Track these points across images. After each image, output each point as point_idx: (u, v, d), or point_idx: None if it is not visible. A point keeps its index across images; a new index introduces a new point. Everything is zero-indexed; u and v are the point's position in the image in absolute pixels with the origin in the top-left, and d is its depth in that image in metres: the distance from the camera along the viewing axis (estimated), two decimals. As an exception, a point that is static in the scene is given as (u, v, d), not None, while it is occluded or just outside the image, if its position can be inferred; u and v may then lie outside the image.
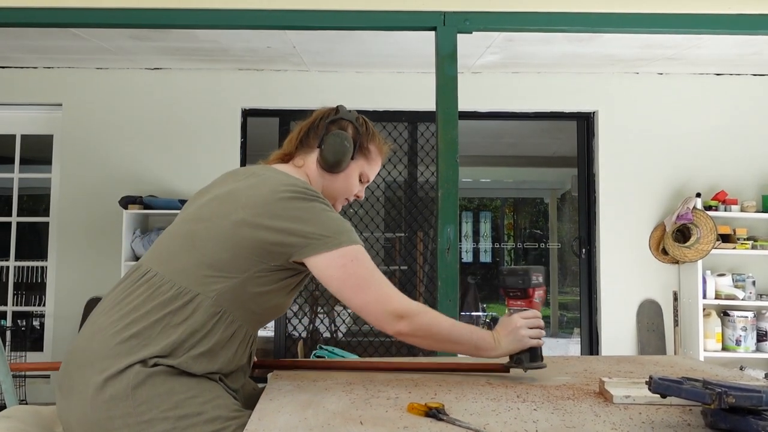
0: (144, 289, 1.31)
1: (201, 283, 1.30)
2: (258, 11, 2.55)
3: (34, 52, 3.97)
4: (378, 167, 1.62)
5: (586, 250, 4.36)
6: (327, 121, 1.53)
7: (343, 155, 1.49)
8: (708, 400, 0.96)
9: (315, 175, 1.51)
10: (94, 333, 1.28)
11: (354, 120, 1.55)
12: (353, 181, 1.56)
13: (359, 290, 1.32)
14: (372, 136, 1.57)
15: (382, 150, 1.61)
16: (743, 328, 3.94)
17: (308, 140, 1.53)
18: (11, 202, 4.33)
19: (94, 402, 1.22)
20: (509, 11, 2.56)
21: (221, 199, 1.37)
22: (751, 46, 3.69)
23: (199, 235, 1.34)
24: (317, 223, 1.31)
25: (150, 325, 1.26)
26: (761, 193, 4.18)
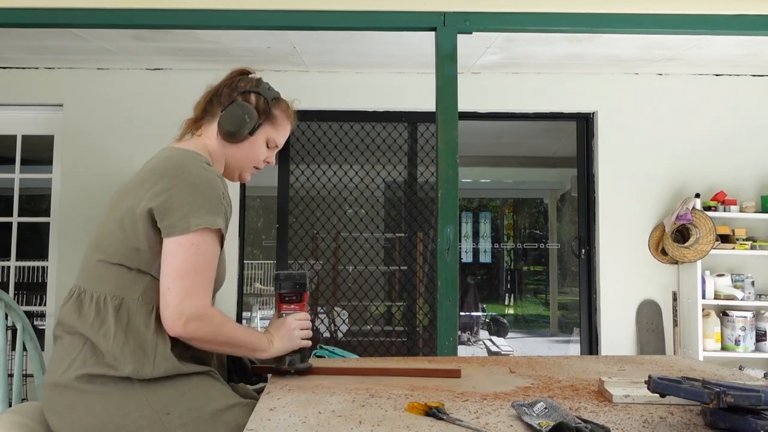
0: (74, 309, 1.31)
1: (120, 287, 1.30)
2: (258, 12, 2.55)
3: (34, 53, 3.97)
4: (287, 131, 1.59)
5: (586, 251, 4.36)
6: (230, 89, 1.52)
7: (241, 126, 1.46)
8: (707, 400, 0.97)
9: (216, 144, 1.50)
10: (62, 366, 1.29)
11: (256, 86, 1.53)
12: (259, 148, 1.53)
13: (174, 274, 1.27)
14: (276, 102, 1.55)
15: (288, 113, 1.58)
16: (742, 328, 3.95)
17: (212, 108, 1.52)
18: (12, 202, 4.33)
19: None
20: (509, 11, 2.56)
21: (115, 195, 1.39)
22: (750, 46, 3.69)
23: (101, 236, 1.35)
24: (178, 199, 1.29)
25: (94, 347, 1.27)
26: (760, 194, 4.19)
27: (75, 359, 1.28)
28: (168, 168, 1.34)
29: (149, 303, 1.31)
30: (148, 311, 1.30)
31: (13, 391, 1.66)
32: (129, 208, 1.32)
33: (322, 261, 4.71)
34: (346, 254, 4.64)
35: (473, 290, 8.64)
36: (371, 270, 4.59)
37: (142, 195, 1.31)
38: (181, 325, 1.26)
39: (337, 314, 4.77)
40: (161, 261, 1.29)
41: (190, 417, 1.26)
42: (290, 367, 1.42)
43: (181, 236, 1.27)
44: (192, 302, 1.27)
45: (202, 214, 1.29)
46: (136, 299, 1.30)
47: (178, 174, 1.32)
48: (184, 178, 1.31)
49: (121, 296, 1.30)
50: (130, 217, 1.31)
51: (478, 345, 7.35)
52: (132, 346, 1.27)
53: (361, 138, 4.46)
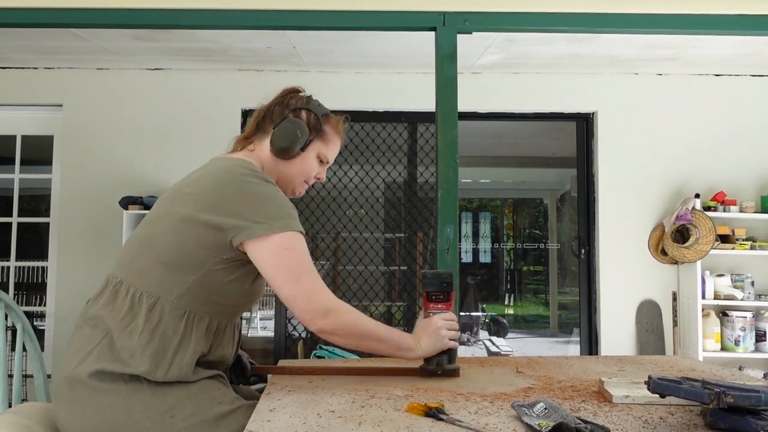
0: (108, 300, 1.32)
1: (160, 285, 1.31)
2: (258, 11, 2.55)
3: (34, 53, 3.97)
4: (337, 147, 1.61)
5: (586, 251, 4.36)
6: (282, 106, 1.54)
7: (293, 142, 1.48)
8: (707, 400, 0.97)
9: (268, 160, 1.51)
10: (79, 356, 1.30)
11: (307, 103, 1.55)
12: (310, 164, 1.54)
13: (290, 281, 1.30)
14: (326, 118, 1.57)
15: (338, 129, 1.60)
16: (742, 328, 3.95)
17: (264, 125, 1.53)
18: (12, 202, 4.33)
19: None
20: (509, 11, 2.56)
21: (171, 197, 1.39)
22: (750, 46, 3.69)
23: (152, 235, 1.35)
24: (253, 206, 1.31)
25: (123, 342, 1.27)
26: (760, 194, 4.19)
27: (91, 352, 1.28)
28: (231, 179, 1.35)
29: (183, 308, 1.31)
30: (180, 316, 1.31)
31: (13, 391, 1.66)
32: (188, 216, 1.32)
33: (322, 261, 4.71)
34: (346, 254, 4.64)
35: (473, 290, 8.64)
36: (371, 270, 4.59)
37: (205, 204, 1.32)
38: (320, 319, 1.29)
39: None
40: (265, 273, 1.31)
41: (194, 420, 1.26)
42: (438, 368, 1.40)
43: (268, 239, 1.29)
44: (319, 297, 1.31)
45: (282, 217, 1.31)
46: (171, 301, 1.30)
47: (243, 184, 1.34)
48: (252, 187, 1.34)
49: (157, 295, 1.30)
50: (189, 223, 1.31)
51: (477, 345, 7.35)
52: (154, 347, 1.27)
53: (361, 138, 4.46)
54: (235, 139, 1.59)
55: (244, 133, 1.57)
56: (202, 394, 1.30)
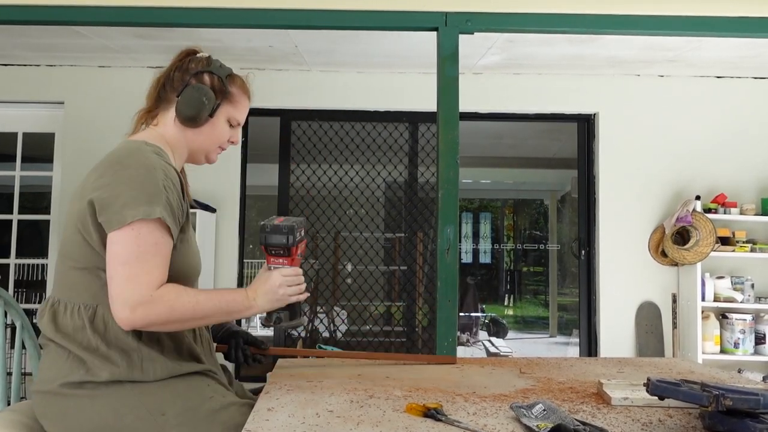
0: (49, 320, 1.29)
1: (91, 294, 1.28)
2: (260, 10, 2.55)
3: (36, 50, 3.97)
4: (246, 107, 1.54)
5: (586, 252, 4.36)
6: (181, 72, 1.48)
7: (200, 109, 1.42)
8: (706, 403, 0.97)
9: (175, 132, 1.45)
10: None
11: (208, 65, 1.49)
12: (221, 129, 1.48)
13: (115, 261, 1.23)
14: (231, 78, 1.51)
15: (245, 89, 1.53)
16: (742, 330, 3.94)
17: (165, 95, 1.47)
18: (12, 199, 4.33)
19: None
20: (511, 12, 2.56)
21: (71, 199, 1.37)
22: (751, 48, 3.69)
23: (63, 243, 1.33)
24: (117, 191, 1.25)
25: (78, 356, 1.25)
26: (760, 196, 4.18)
27: (61, 368, 1.26)
28: (109, 162, 1.32)
29: None
30: None
31: (12, 389, 1.66)
32: (79, 207, 1.29)
33: (322, 261, 4.71)
34: (346, 254, 4.64)
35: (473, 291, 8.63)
36: (371, 270, 4.59)
37: (88, 191, 1.29)
38: (129, 313, 1.20)
39: (336, 314, 4.77)
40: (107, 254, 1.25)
41: (186, 417, 1.25)
42: (276, 323, 1.34)
43: (118, 230, 1.23)
44: (134, 288, 1.21)
45: (138, 205, 1.23)
46: (107, 305, 1.26)
47: (116, 168, 1.30)
48: (122, 170, 1.29)
49: (95, 304, 1.28)
50: (80, 214, 1.29)
51: (477, 346, 7.35)
52: (116, 353, 1.25)
53: (362, 138, 4.46)
54: (137, 114, 1.52)
55: (145, 107, 1.51)
56: (192, 391, 1.29)
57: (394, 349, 4.47)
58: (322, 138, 4.45)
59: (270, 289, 1.34)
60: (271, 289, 1.34)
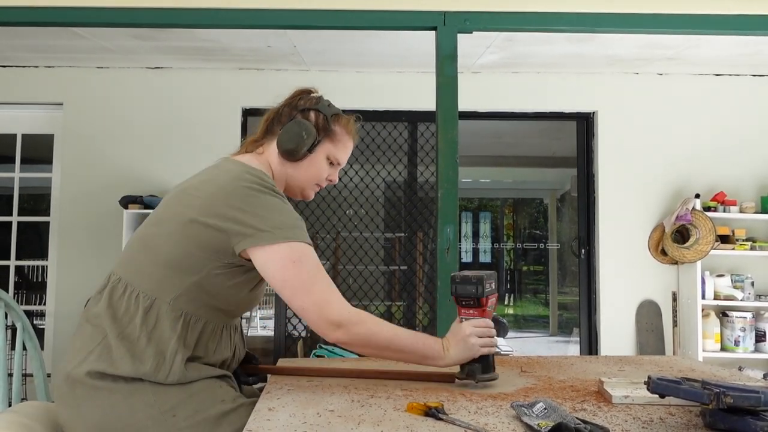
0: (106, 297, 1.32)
1: (157, 286, 1.30)
2: (259, 11, 2.55)
3: (34, 51, 3.97)
4: (348, 148, 1.57)
5: (586, 251, 4.36)
6: (290, 108, 1.51)
7: (298, 144, 1.45)
8: (706, 401, 0.97)
9: (277, 163, 1.48)
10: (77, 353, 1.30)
11: (316, 104, 1.52)
12: (320, 166, 1.51)
13: (298, 293, 1.28)
14: (336, 118, 1.53)
15: (349, 129, 1.56)
16: (742, 328, 3.95)
17: (273, 127, 1.51)
18: (12, 201, 4.33)
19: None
20: (509, 11, 2.56)
21: (176, 198, 1.38)
22: (750, 46, 3.69)
23: (154, 235, 1.34)
24: (260, 215, 1.29)
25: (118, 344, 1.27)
26: (760, 194, 4.19)
27: (91, 352, 1.27)
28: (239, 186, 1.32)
29: (179, 309, 1.30)
30: (176, 317, 1.29)
31: (13, 390, 1.66)
32: (193, 219, 1.30)
33: (321, 261, 4.70)
34: (346, 254, 4.64)
35: (473, 290, 8.60)
36: (371, 270, 4.59)
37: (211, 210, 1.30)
38: (333, 332, 1.28)
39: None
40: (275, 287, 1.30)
41: (196, 419, 1.26)
42: (470, 377, 1.34)
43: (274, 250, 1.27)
44: (330, 309, 1.28)
45: (288, 227, 1.30)
46: (167, 303, 1.29)
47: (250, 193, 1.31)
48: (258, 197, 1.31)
49: (154, 297, 1.29)
50: (193, 227, 1.30)
51: (477, 345, 7.33)
52: (153, 350, 1.26)
53: (362, 137, 4.46)
54: (245, 141, 1.56)
55: (253, 136, 1.55)
56: (204, 393, 1.29)
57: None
58: (321, 138, 4.44)
59: (461, 339, 1.34)
60: (462, 339, 1.34)
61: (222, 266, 1.31)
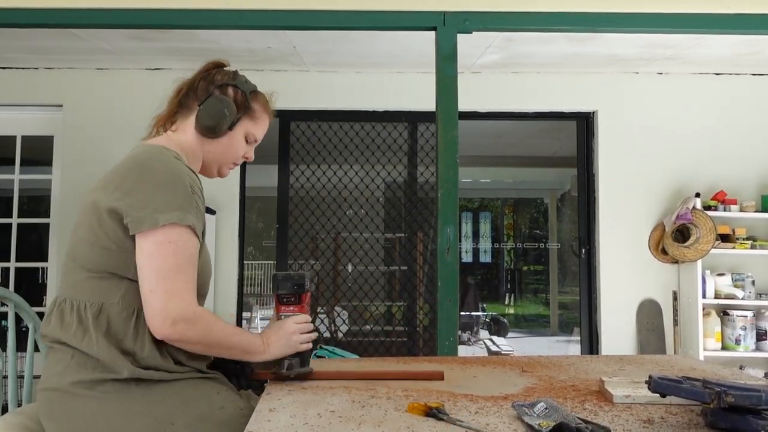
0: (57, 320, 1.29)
1: (97, 293, 1.27)
2: (258, 11, 2.55)
3: (34, 53, 3.97)
4: (266, 125, 1.55)
5: (586, 250, 4.36)
6: (207, 82, 1.48)
7: (220, 120, 1.43)
8: (707, 400, 0.97)
9: (192, 140, 1.45)
10: None
11: (233, 79, 1.49)
12: (238, 143, 1.49)
13: (155, 275, 1.22)
14: (254, 95, 1.51)
15: (267, 107, 1.54)
16: (743, 327, 3.94)
17: (188, 102, 1.48)
18: (12, 203, 4.32)
19: None
20: (509, 11, 2.56)
21: (86, 195, 1.36)
22: (750, 45, 3.69)
23: (75, 245, 1.32)
24: (144, 195, 1.25)
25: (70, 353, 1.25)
26: (760, 193, 4.18)
27: (69, 365, 1.25)
28: (133, 165, 1.31)
29: (130, 307, 1.27)
30: (129, 315, 1.26)
31: (24, 391, 1.66)
32: (95, 210, 1.28)
33: (322, 261, 4.71)
34: (346, 254, 4.64)
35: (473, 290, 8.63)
36: (371, 270, 4.59)
37: (107, 194, 1.28)
38: (169, 327, 1.21)
39: (337, 314, 4.77)
40: (138, 264, 1.24)
41: (196, 427, 1.24)
42: (289, 372, 1.37)
43: (152, 233, 1.23)
44: (177, 303, 1.22)
45: (171, 210, 1.24)
46: (115, 303, 1.26)
47: (143, 171, 1.29)
48: (150, 174, 1.28)
49: (100, 302, 1.27)
50: (96, 217, 1.28)
51: (478, 345, 7.35)
52: (117, 350, 1.24)
53: (361, 138, 4.46)
54: (155, 119, 1.52)
55: (165, 111, 1.50)
56: (202, 400, 1.28)
57: (395, 349, 4.47)
58: (321, 138, 4.45)
59: (283, 335, 1.36)
60: (284, 335, 1.36)
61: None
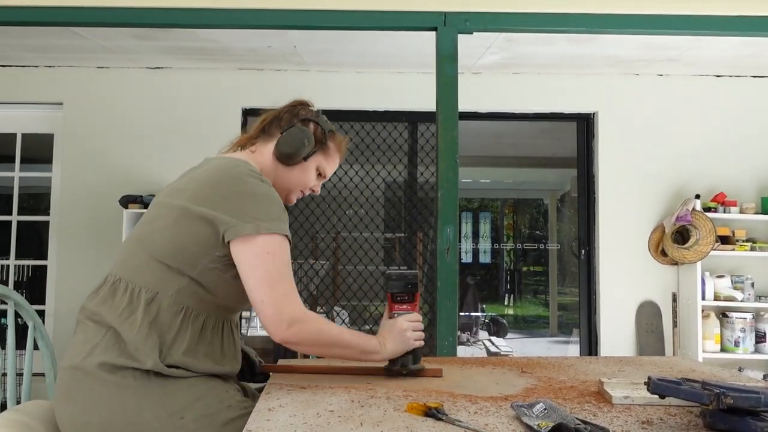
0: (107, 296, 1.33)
1: (157, 281, 1.31)
2: (259, 11, 2.55)
3: (34, 51, 3.97)
4: (336, 164, 1.63)
5: (586, 251, 4.36)
6: (291, 114, 1.55)
7: (298, 149, 1.50)
8: (706, 401, 0.97)
9: (269, 164, 1.52)
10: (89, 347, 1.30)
11: (316, 116, 1.57)
12: (309, 174, 1.56)
13: (262, 285, 1.29)
14: (332, 134, 1.59)
15: (340, 148, 1.62)
16: (742, 329, 3.95)
17: (270, 129, 1.55)
18: (12, 201, 4.33)
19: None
20: (510, 12, 2.56)
21: (168, 195, 1.40)
22: (750, 47, 3.69)
23: (148, 233, 1.36)
24: (244, 204, 1.31)
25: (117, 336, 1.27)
26: (760, 195, 4.19)
27: (97, 345, 1.27)
28: (222, 175, 1.36)
29: (180, 303, 1.31)
30: (177, 311, 1.30)
31: (23, 389, 1.66)
32: (185, 212, 1.32)
33: (322, 261, 4.71)
34: (346, 254, 4.64)
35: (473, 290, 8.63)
36: (371, 270, 4.59)
37: (199, 202, 1.32)
38: (285, 329, 1.28)
39: (336, 314, 4.77)
40: (242, 277, 1.30)
41: (203, 423, 1.26)
42: (403, 369, 1.40)
43: (252, 240, 1.29)
44: (288, 306, 1.29)
45: (271, 219, 1.31)
46: (169, 296, 1.30)
47: (237, 182, 1.34)
48: (244, 185, 1.34)
49: (156, 290, 1.30)
50: (185, 218, 1.32)
51: (477, 345, 7.35)
52: (153, 339, 1.27)
53: (361, 138, 4.46)
54: (237, 138, 1.60)
55: (248, 134, 1.58)
56: (211, 397, 1.30)
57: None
58: (321, 138, 4.44)
59: (398, 333, 1.42)
60: (398, 333, 1.42)
61: (215, 260, 1.32)
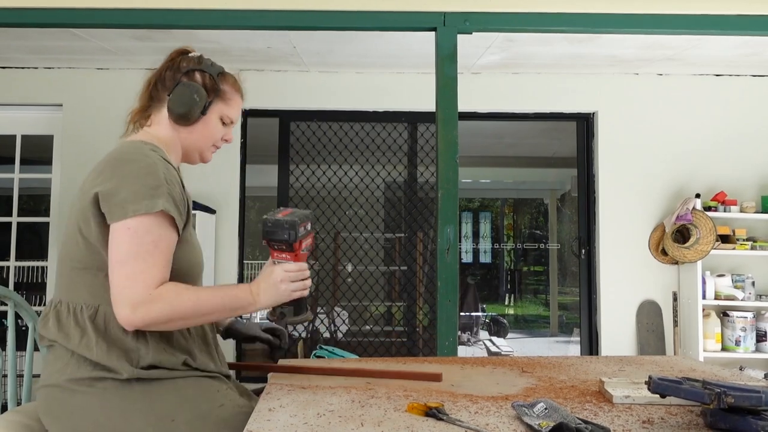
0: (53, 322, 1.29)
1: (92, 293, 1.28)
2: (258, 12, 2.55)
3: (34, 53, 3.97)
4: (239, 105, 1.55)
5: (586, 251, 4.36)
6: (173, 71, 1.48)
7: (192, 106, 1.42)
8: (707, 400, 0.97)
9: (168, 131, 1.45)
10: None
11: (199, 63, 1.50)
12: (214, 127, 1.49)
13: (116, 265, 1.22)
14: (222, 76, 1.51)
15: (237, 86, 1.54)
16: (743, 328, 3.94)
17: (158, 94, 1.48)
18: (11, 202, 4.32)
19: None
20: (509, 12, 2.56)
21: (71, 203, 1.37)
22: (750, 47, 3.69)
23: (65, 246, 1.33)
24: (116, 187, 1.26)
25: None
26: (761, 194, 4.18)
27: (68, 363, 1.25)
28: (108, 160, 1.33)
29: None
30: None
31: (23, 390, 1.66)
32: (80, 205, 1.30)
33: (322, 261, 4.71)
34: (346, 254, 4.64)
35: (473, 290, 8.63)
36: (371, 270, 4.59)
37: (87, 189, 1.30)
38: (129, 313, 1.20)
39: (337, 314, 4.77)
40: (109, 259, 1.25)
41: (196, 425, 1.24)
42: (280, 320, 1.33)
43: (119, 223, 1.23)
44: (132, 288, 1.21)
45: (140, 200, 1.24)
46: (109, 304, 1.25)
47: (115, 164, 1.30)
48: (122, 166, 1.29)
49: (96, 304, 1.27)
50: (81, 212, 1.29)
51: (478, 345, 7.36)
52: (116, 351, 1.24)
53: (361, 138, 4.46)
54: (129, 115, 1.52)
55: (138, 106, 1.51)
56: (203, 397, 1.28)
57: (395, 349, 4.47)
58: (321, 138, 4.45)
59: (272, 284, 1.32)
60: (273, 284, 1.32)
61: None
